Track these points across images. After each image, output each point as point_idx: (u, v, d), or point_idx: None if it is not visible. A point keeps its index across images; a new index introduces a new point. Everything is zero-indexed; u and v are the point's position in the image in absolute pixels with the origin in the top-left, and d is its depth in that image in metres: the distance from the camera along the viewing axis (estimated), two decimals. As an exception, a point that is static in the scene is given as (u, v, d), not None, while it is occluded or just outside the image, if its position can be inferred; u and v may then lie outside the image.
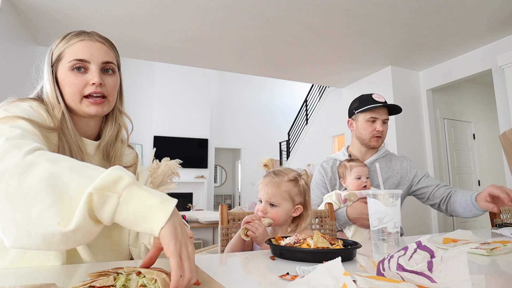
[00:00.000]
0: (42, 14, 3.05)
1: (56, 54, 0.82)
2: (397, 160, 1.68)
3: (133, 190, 0.52)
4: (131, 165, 0.96)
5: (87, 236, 0.53)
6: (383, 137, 1.63)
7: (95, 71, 0.80)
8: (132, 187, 0.52)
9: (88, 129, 0.88)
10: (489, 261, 0.78)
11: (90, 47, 0.81)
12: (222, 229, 1.19)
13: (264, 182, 1.11)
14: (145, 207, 0.51)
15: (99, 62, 0.81)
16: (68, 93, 0.81)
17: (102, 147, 0.88)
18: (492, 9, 3.00)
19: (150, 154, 3.62)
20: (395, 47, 3.78)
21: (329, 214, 1.37)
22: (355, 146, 1.70)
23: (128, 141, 0.97)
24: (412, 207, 2.69)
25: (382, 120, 1.60)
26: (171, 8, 2.98)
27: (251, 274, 0.73)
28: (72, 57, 0.79)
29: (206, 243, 3.58)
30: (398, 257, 0.53)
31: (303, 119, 8.11)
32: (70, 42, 0.81)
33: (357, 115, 1.65)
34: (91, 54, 0.80)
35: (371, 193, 0.91)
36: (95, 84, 0.80)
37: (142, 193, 0.52)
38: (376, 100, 1.59)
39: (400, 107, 1.63)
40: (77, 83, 0.80)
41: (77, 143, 0.81)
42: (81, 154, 0.80)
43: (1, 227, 0.50)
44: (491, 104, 4.35)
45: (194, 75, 8.41)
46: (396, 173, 1.64)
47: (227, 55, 4.05)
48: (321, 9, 2.98)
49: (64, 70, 0.80)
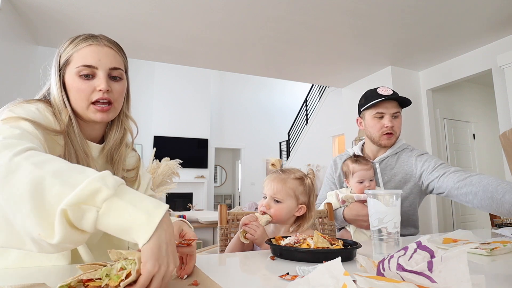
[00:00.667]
0: (42, 14, 3.05)
1: (64, 58, 0.81)
2: (406, 155, 1.52)
3: (114, 203, 0.49)
4: (134, 168, 0.96)
5: (76, 243, 0.52)
6: (395, 133, 1.48)
7: (102, 77, 0.80)
8: (113, 199, 0.49)
9: (93, 133, 0.88)
10: (489, 261, 0.78)
11: (98, 52, 0.80)
12: (221, 229, 1.19)
13: (270, 178, 1.11)
14: (127, 221, 0.48)
15: (107, 68, 0.81)
16: (75, 98, 0.81)
17: (106, 151, 0.88)
18: (492, 9, 3.00)
19: (150, 154, 3.62)
20: (395, 47, 3.78)
21: (328, 214, 1.37)
22: (367, 145, 1.59)
23: (132, 144, 0.97)
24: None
25: (391, 115, 1.45)
26: (171, 8, 2.98)
27: (251, 274, 0.73)
28: (80, 62, 0.79)
29: (206, 243, 3.58)
30: (398, 257, 0.53)
31: (303, 119, 8.11)
32: (79, 47, 0.80)
33: (364, 113, 1.54)
34: (99, 60, 0.80)
35: (371, 193, 0.91)
36: (102, 90, 0.80)
37: (124, 206, 0.49)
38: (381, 94, 1.45)
39: (409, 99, 1.48)
40: (84, 89, 0.79)
41: (83, 147, 0.81)
42: (87, 159, 0.80)
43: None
44: (491, 104, 4.35)
45: (194, 75, 8.42)
46: (401, 170, 1.50)
47: (227, 55, 4.05)
48: (321, 9, 2.98)
49: (72, 75, 0.80)
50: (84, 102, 0.80)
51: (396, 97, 1.46)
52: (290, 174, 1.11)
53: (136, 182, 0.96)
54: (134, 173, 0.96)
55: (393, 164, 1.52)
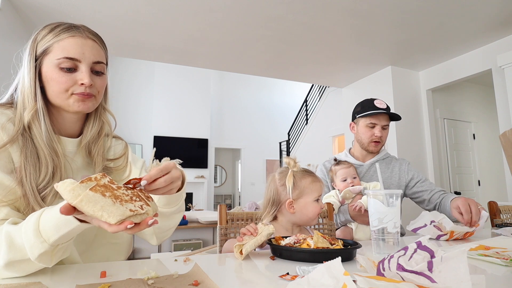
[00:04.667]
0: (42, 14, 3.05)
1: (43, 47, 0.76)
2: (396, 162, 1.73)
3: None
4: (121, 156, 0.93)
5: (55, 258, 0.62)
6: (381, 142, 1.68)
7: (85, 71, 0.76)
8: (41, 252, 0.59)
9: (70, 128, 0.84)
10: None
11: (82, 45, 0.76)
12: (221, 229, 1.19)
13: (315, 180, 1.15)
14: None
15: (90, 62, 0.77)
16: (53, 90, 0.76)
17: (84, 144, 0.85)
18: (492, 9, 2.99)
19: (150, 154, 3.61)
20: (395, 47, 3.78)
21: (328, 214, 1.37)
22: (356, 148, 1.76)
23: (112, 132, 0.94)
24: (412, 207, 2.69)
25: (381, 126, 1.65)
26: (171, 8, 2.97)
27: (251, 274, 0.73)
28: (61, 54, 0.75)
29: (206, 243, 3.59)
30: (398, 257, 0.53)
31: (303, 119, 8.11)
32: (60, 37, 0.75)
33: (358, 119, 1.71)
34: (83, 53, 0.76)
35: (371, 193, 0.91)
36: (85, 85, 0.76)
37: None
38: (377, 107, 1.64)
39: (400, 116, 1.68)
40: (65, 81, 0.75)
41: (50, 145, 0.75)
42: (54, 157, 0.75)
43: None
44: (491, 104, 4.35)
45: (194, 75, 8.41)
46: (394, 174, 1.68)
47: (227, 55, 4.05)
48: (321, 9, 2.98)
49: (51, 66, 0.75)
50: (64, 94, 0.76)
51: (389, 112, 1.65)
52: (311, 173, 1.18)
53: (127, 169, 0.93)
54: (123, 160, 0.93)
55: (386, 169, 1.71)
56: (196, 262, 0.73)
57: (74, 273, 0.66)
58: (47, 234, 0.57)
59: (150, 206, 0.59)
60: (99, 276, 0.63)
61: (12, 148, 0.72)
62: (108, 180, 0.59)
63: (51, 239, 0.57)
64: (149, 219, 0.57)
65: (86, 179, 0.56)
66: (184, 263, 0.76)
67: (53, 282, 0.61)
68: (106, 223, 0.54)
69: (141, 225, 0.56)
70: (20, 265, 0.60)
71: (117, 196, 0.56)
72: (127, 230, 0.54)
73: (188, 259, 0.78)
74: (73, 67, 0.76)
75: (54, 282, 0.61)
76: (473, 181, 4.82)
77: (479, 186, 4.84)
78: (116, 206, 0.54)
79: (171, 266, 0.73)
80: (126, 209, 0.55)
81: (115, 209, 0.54)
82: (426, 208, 1.62)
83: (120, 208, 0.54)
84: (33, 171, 0.71)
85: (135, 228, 0.56)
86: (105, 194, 0.55)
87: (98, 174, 0.58)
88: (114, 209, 0.54)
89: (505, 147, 1.96)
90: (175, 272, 0.64)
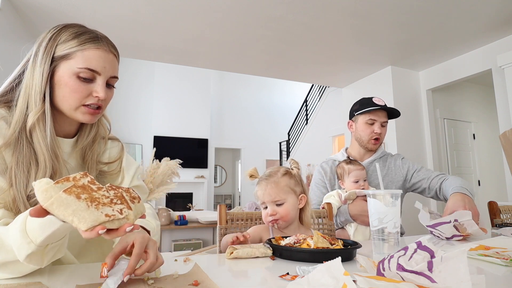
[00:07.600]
0: (42, 14, 3.05)
1: (64, 51, 0.74)
2: (391, 159, 1.73)
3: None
4: (116, 159, 0.92)
5: (45, 258, 0.60)
6: (381, 139, 1.67)
7: (101, 84, 0.77)
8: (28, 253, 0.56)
9: (67, 128, 0.84)
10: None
11: (105, 58, 0.77)
12: (221, 229, 1.18)
13: (261, 187, 1.11)
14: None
15: (108, 76, 0.79)
16: (64, 96, 0.76)
17: (80, 148, 0.85)
18: (492, 9, 2.99)
19: (150, 154, 3.62)
20: (395, 47, 3.78)
21: (328, 214, 1.37)
22: (354, 147, 1.74)
23: (107, 135, 0.93)
24: (412, 207, 2.69)
25: (380, 123, 1.64)
26: (171, 8, 2.97)
27: (251, 274, 0.73)
28: (84, 64, 0.74)
29: (206, 243, 3.58)
30: (398, 257, 0.53)
31: (303, 119, 8.11)
32: (85, 46, 0.75)
33: (357, 117, 1.69)
34: (104, 67, 0.77)
35: (371, 193, 0.91)
36: (100, 98, 0.77)
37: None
38: (375, 103, 1.64)
39: (399, 111, 1.67)
40: (80, 91, 0.75)
41: (52, 148, 0.75)
42: (53, 161, 0.74)
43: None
44: (491, 104, 4.35)
45: (194, 75, 8.41)
46: (390, 171, 1.68)
47: (227, 55, 4.05)
48: (321, 9, 2.98)
49: (69, 72, 0.74)
50: (76, 102, 0.76)
51: (387, 108, 1.65)
52: (276, 173, 1.12)
53: (120, 175, 0.92)
54: (117, 165, 0.92)
55: (382, 167, 1.70)
56: (196, 262, 0.73)
57: (74, 273, 0.67)
58: (34, 234, 0.55)
59: (132, 210, 0.55)
60: (99, 276, 0.63)
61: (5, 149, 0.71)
62: (89, 180, 0.55)
63: (38, 239, 0.55)
64: (127, 225, 0.53)
65: (63, 179, 0.52)
66: (184, 263, 0.76)
67: (53, 282, 0.61)
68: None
69: (119, 231, 0.53)
70: (13, 266, 0.60)
71: (94, 198, 0.52)
72: (104, 235, 0.52)
73: (188, 259, 0.78)
74: (90, 78, 0.76)
75: (54, 282, 0.61)
76: (473, 181, 4.82)
77: (479, 186, 4.84)
78: (89, 211, 0.50)
79: (171, 266, 0.73)
80: (102, 214, 0.51)
81: (87, 214, 0.50)
82: (428, 196, 1.61)
83: (94, 213, 0.50)
84: (23, 177, 0.70)
85: (112, 233, 0.53)
86: (80, 197, 0.51)
87: (78, 174, 0.55)
88: (87, 214, 0.50)
89: (505, 147, 1.95)
90: (175, 272, 0.64)
